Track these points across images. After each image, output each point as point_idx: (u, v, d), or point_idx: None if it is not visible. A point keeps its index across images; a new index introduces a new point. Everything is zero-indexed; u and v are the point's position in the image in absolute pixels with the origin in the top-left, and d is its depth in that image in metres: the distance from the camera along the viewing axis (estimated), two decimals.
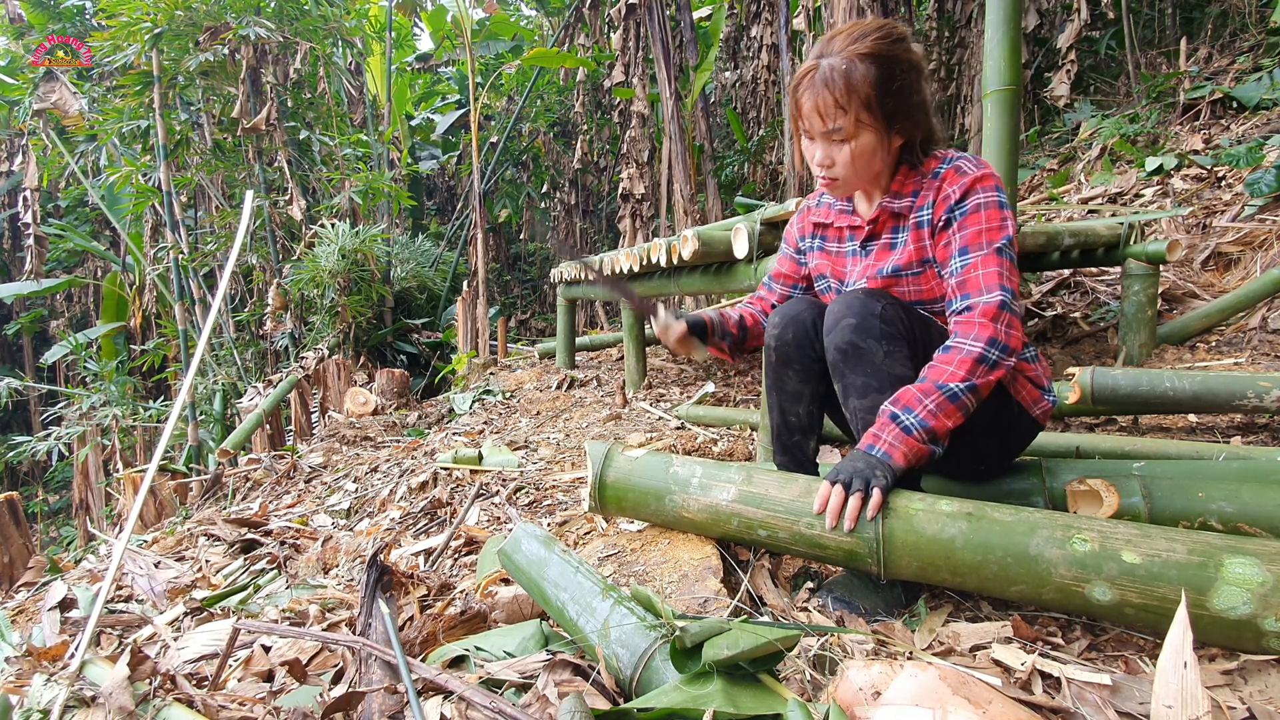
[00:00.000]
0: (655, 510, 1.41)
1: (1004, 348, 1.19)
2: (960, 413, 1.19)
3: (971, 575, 1.10)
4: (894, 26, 1.25)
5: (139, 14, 5.96)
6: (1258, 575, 0.93)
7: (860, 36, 1.23)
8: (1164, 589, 0.97)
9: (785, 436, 1.50)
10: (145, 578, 2.03)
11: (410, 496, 2.43)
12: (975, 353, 1.18)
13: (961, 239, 1.26)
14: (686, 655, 0.88)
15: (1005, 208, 1.26)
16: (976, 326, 1.20)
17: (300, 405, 5.38)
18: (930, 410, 1.18)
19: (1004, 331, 1.19)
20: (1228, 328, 2.80)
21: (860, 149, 1.27)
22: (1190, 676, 0.76)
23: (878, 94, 1.22)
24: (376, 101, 8.92)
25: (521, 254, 12.30)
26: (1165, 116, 4.64)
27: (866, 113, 1.23)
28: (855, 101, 1.22)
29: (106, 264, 10.04)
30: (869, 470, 1.17)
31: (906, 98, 1.25)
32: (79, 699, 1.12)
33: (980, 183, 1.26)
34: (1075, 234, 2.71)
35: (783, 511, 1.24)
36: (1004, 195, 1.26)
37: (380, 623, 1.18)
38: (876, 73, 1.21)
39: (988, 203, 1.25)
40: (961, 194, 1.26)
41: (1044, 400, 1.38)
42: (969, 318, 1.21)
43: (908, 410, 1.18)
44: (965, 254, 1.25)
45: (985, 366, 1.18)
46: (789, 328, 1.41)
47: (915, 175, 1.33)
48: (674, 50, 6.42)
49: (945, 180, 1.29)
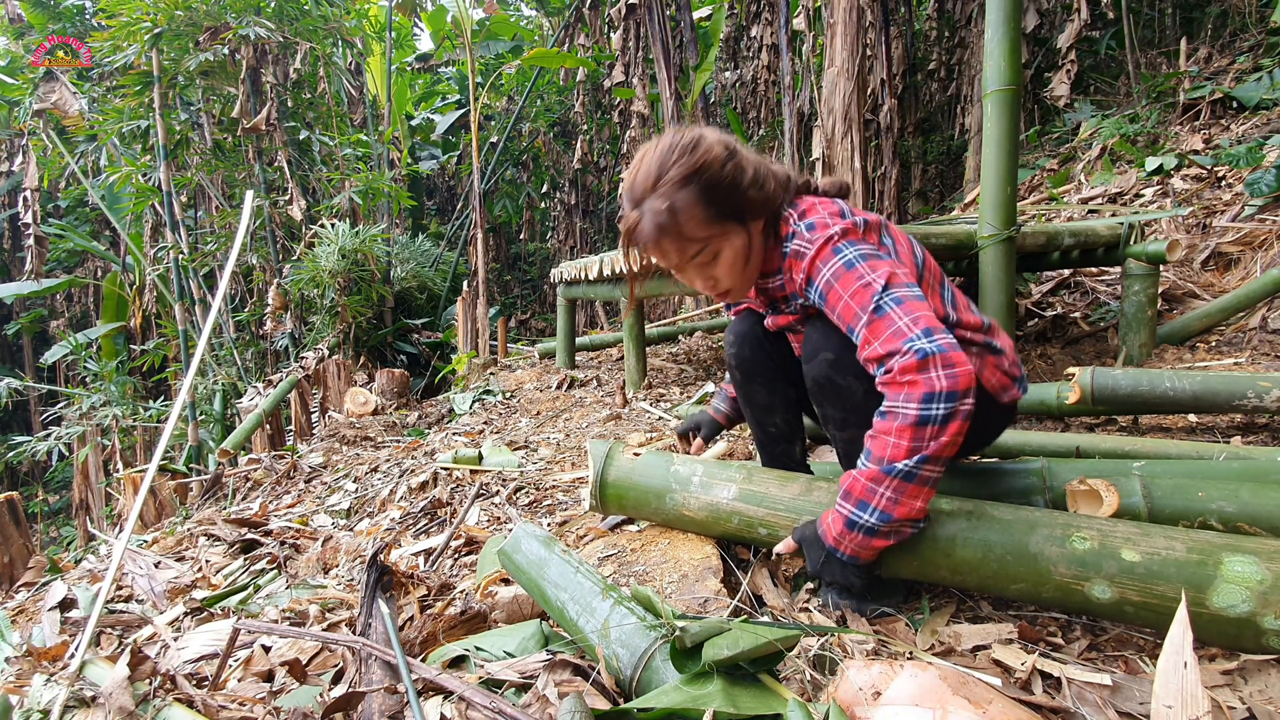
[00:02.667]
0: (656, 509, 1.42)
1: (947, 395, 1.02)
2: (927, 486, 1.06)
3: (971, 573, 1.10)
4: (682, 138, 1.19)
5: (139, 14, 5.96)
6: (1257, 573, 0.93)
7: (661, 173, 1.17)
8: (1163, 587, 0.97)
9: (770, 446, 1.53)
10: (145, 578, 2.03)
11: (410, 496, 2.43)
12: (912, 416, 1.03)
13: (838, 317, 1.16)
14: (686, 655, 0.88)
15: (859, 261, 1.13)
16: (905, 386, 1.04)
17: (300, 405, 5.38)
18: (889, 499, 1.06)
19: (939, 379, 1.02)
20: (1228, 328, 2.80)
21: (733, 255, 1.22)
22: (1190, 676, 0.76)
23: (713, 208, 1.17)
24: (376, 101, 8.92)
25: (521, 254, 12.31)
26: (1165, 116, 4.64)
27: (715, 226, 1.18)
28: (696, 226, 1.17)
29: (106, 264, 10.04)
30: (845, 577, 1.16)
31: (738, 191, 1.19)
32: (79, 699, 1.12)
33: (818, 258, 1.16)
34: (1075, 234, 2.71)
35: (783, 509, 1.24)
36: (851, 245, 1.15)
37: (380, 623, 1.18)
38: (699, 192, 1.16)
39: (835, 273, 1.14)
40: (806, 279, 1.19)
41: (1014, 388, 1.33)
42: (892, 378, 1.06)
43: (863, 507, 1.08)
44: (852, 329, 1.13)
45: (933, 426, 1.02)
46: (745, 344, 1.42)
47: (778, 249, 1.26)
48: (674, 50, 6.43)
49: (791, 269, 1.22)
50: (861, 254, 1.14)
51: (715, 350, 4.58)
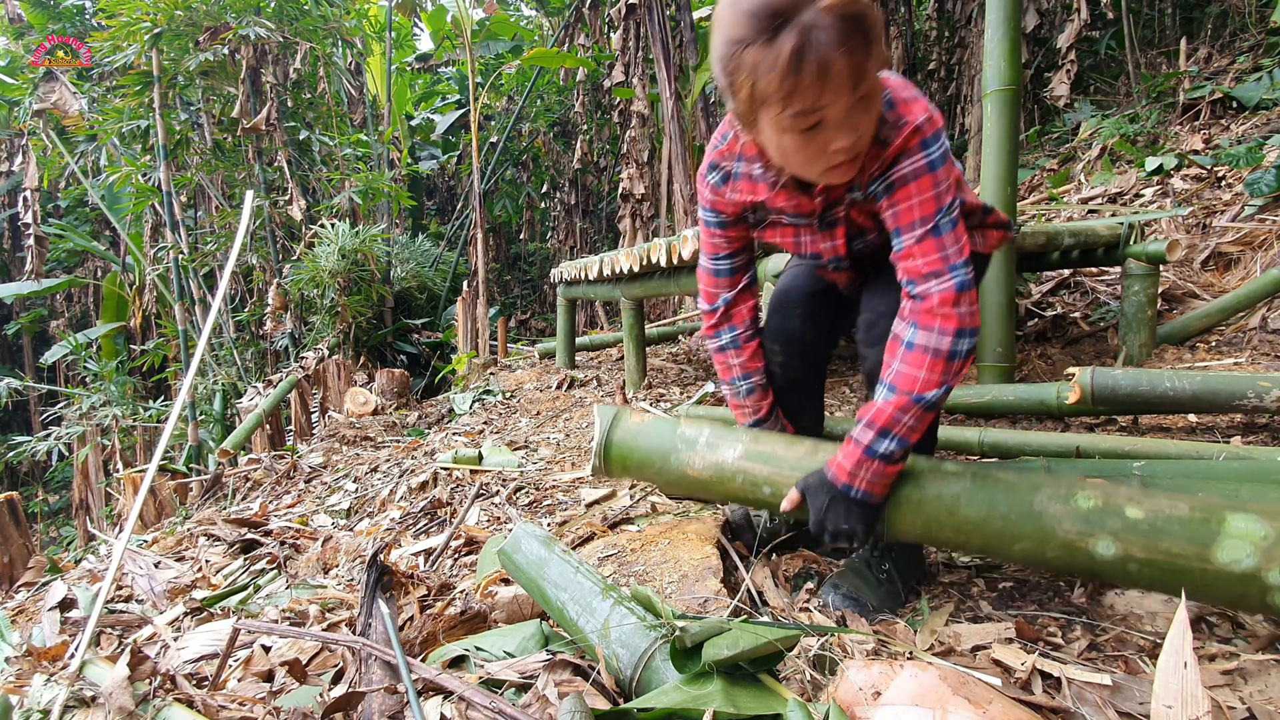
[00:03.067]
0: (660, 469, 1.35)
1: (972, 332, 1.06)
2: (934, 413, 1.09)
3: (975, 533, 1.09)
4: None
5: (139, 14, 5.96)
6: (1260, 529, 0.93)
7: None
8: (1167, 543, 0.97)
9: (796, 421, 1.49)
10: (145, 578, 2.03)
11: (410, 496, 2.43)
12: (945, 350, 1.05)
13: (891, 214, 1.09)
14: (686, 655, 0.88)
15: (940, 165, 1.06)
16: (939, 319, 1.05)
17: (300, 405, 5.39)
18: (910, 427, 1.07)
19: (969, 315, 1.05)
20: (1228, 328, 2.80)
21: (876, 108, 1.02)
22: (1190, 676, 0.76)
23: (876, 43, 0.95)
24: (376, 101, 8.92)
25: (521, 254, 12.31)
26: (1165, 116, 4.64)
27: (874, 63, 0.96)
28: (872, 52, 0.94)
29: (106, 264, 10.04)
30: (850, 521, 1.11)
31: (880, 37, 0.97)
32: (79, 699, 1.12)
33: (904, 148, 1.05)
34: (1075, 234, 2.71)
35: (789, 469, 1.21)
36: (936, 141, 1.06)
37: (380, 623, 1.18)
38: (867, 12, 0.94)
39: (916, 171, 1.06)
40: (882, 167, 1.08)
41: (1007, 234, 1.31)
42: (928, 307, 1.05)
43: (885, 435, 1.07)
44: (899, 231, 1.08)
45: (959, 362, 1.06)
46: (794, 353, 1.35)
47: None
48: (674, 50, 6.42)
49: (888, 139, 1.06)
50: (943, 155, 1.07)
51: None
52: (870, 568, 1.27)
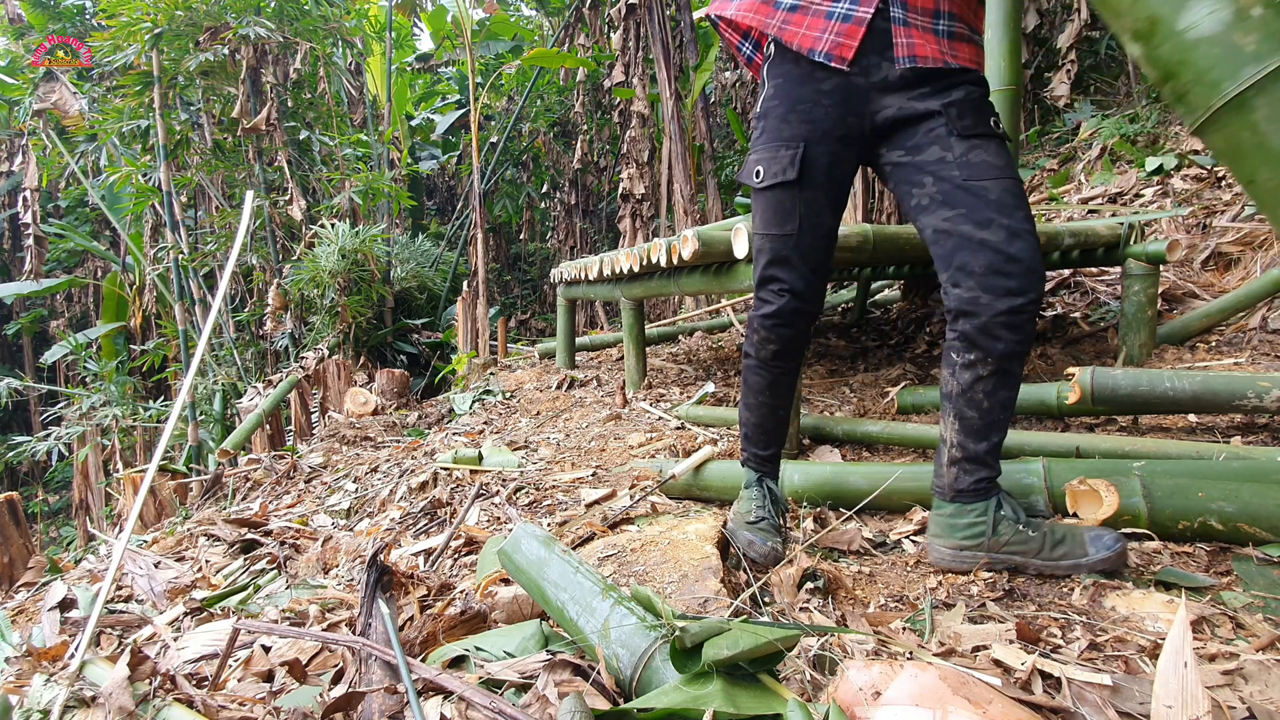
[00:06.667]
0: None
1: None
2: None
3: None
4: None
5: (139, 14, 5.95)
6: None
7: None
8: None
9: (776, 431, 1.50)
10: (145, 578, 2.03)
11: (410, 497, 2.43)
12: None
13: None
14: (686, 655, 0.88)
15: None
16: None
17: (300, 405, 5.39)
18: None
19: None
20: (1228, 328, 2.80)
21: None
22: (1190, 676, 0.76)
23: None
24: (376, 101, 8.92)
25: (521, 254, 12.30)
26: (1165, 116, 4.64)
27: None
28: None
29: (106, 264, 10.03)
30: None
31: None
32: (79, 699, 1.12)
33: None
34: (1075, 234, 2.71)
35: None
36: None
37: (380, 623, 1.18)
38: None
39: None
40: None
41: None
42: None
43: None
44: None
45: None
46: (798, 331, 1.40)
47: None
48: (674, 50, 6.42)
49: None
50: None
51: (715, 350, 4.58)
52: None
